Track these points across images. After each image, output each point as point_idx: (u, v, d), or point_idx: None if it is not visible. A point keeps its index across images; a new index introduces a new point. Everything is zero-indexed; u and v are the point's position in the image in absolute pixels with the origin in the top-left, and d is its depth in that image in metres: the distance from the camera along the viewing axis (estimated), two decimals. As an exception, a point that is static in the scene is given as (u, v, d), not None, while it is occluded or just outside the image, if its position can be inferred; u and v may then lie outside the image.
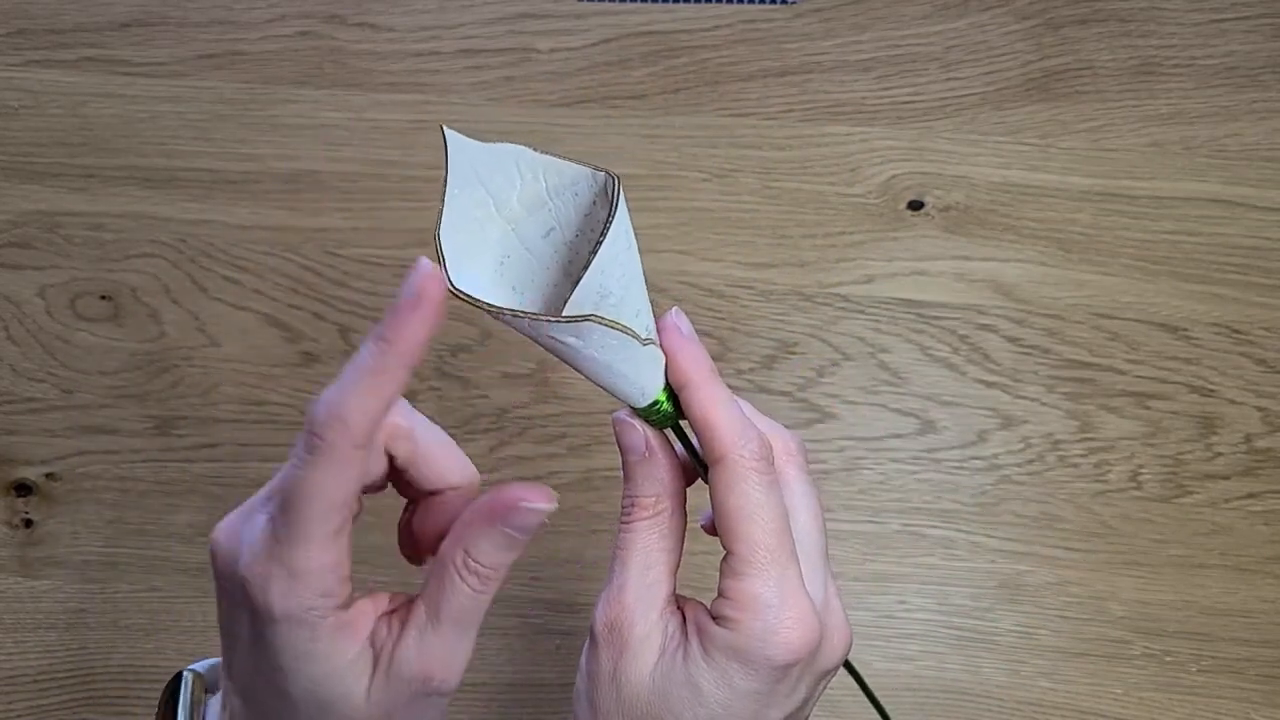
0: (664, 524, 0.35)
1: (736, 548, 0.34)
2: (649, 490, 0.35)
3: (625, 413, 0.35)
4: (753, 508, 0.34)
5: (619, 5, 0.72)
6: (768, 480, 0.34)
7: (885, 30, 0.71)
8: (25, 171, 0.70)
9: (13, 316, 0.68)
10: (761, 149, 0.69)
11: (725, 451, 0.34)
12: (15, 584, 0.64)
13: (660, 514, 0.35)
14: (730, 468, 0.34)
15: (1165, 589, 0.62)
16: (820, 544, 0.37)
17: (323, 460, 0.30)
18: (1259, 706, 0.60)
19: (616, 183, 0.31)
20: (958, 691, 0.61)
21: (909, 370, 0.66)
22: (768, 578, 0.33)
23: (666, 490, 0.35)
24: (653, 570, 0.35)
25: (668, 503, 0.35)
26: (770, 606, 0.33)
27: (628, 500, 0.36)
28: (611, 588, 0.35)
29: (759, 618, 0.33)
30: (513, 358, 0.66)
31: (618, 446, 0.36)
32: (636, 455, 0.35)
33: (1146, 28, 0.71)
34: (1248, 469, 0.64)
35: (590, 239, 0.32)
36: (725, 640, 0.33)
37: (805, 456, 0.38)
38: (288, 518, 0.30)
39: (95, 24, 0.72)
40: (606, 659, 0.35)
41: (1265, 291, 0.66)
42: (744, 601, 0.33)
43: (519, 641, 0.62)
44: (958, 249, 0.67)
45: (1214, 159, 0.68)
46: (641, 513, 0.35)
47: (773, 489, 0.34)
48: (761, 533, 0.34)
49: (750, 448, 0.34)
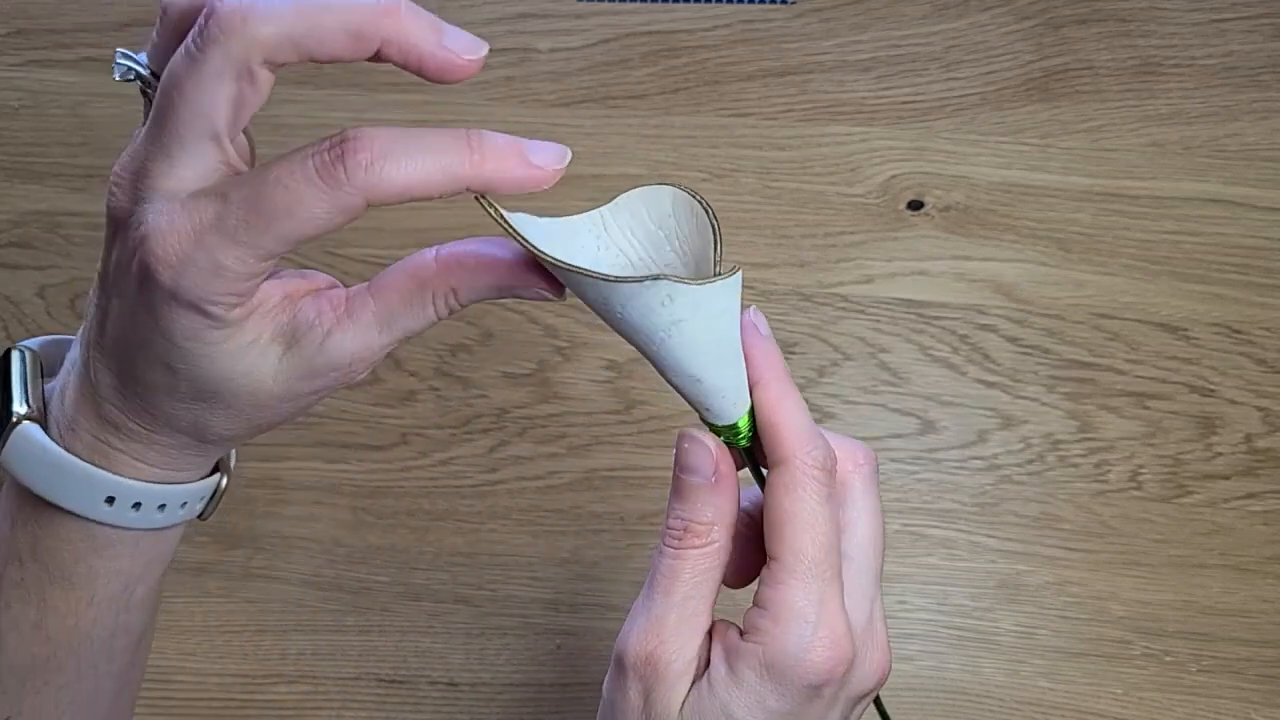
0: (715, 555, 0.33)
1: (781, 554, 0.32)
2: (705, 516, 0.33)
3: (693, 428, 0.34)
4: (806, 516, 0.32)
5: (619, 5, 0.72)
6: (826, 491, 0.33)
7: (885, 30, 0.71)
8: (25, 171, 0.70)
9: (13, 316, 0.68)
10: (761, 149, 0.69)
11: (789, 455, 0.32)
12: (15, 584, 0.64)
13: (714, 544, 0.33)
14: (790, 471, 0.32)
15: (1165, 589, 0.62)
16: (874, 563, 0.35)
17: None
18: (1259, 706, 0.60)
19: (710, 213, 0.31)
20: (958, 691, 0.61)
21: (909, 370, 0.66)
22: (809, 590, 0.32)
23: (723, 519, 0.33)
24: (695, 602, 0.33)
25: (722, 532, 0.33)
26: (806, 621, 0.32)
27: (678, 523, 0.33)
28: (650, 617, 0.33)
29: (792, 631, 0.32)
30: (513, 358, 0.66)
31: (676, 464, 0.34)
32: (702, 478, 0.33)
33: (1146, 28, 0.71)
34: (1248, 469, 0.64)
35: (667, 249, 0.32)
36: (756, 656, 0.32)
37: (875, 470, 0.36)
38: (253, 221, 0.28)
39: (95, 24, 0.72)
40: (635, 692, 0.33)
41: (1265, 291, 0.66)
42: (779, 611, 0.32)
43: (519, 641, 0.63)
44: (958, 249, 0.67)
45: (1214, 159, 0.68)
46: (695, 540, 0.33)
47: (829, 501, 0.33)
48: (810, 543, 0.32)
49: (815, 455, 0.33)
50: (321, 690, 0.62)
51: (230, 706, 0.62)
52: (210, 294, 0.29)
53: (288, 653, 0.63)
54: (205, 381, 0.32)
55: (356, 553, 0.64)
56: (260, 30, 0.27)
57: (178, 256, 0.29)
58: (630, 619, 0.34)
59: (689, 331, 0.30)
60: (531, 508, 0.64)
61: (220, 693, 0.62)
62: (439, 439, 0.65)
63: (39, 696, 0.38)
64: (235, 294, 0.30)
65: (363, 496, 0.65)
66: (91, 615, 0.37)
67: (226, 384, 0.32)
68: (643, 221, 0.32)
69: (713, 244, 0.31)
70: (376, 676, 0.62)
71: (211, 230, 0.28)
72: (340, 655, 0.63)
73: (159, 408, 0.33)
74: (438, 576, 0.64)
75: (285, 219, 0.28)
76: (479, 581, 0.64)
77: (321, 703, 0.62)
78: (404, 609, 0.63)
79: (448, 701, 0.62)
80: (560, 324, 0.66)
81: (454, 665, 0.62)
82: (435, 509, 0.64)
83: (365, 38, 0.27)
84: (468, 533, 0.64)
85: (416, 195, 0.28)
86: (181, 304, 0.30)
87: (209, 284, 0.29)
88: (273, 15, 0.27)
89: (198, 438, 0.35)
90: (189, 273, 0.29)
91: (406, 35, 0.27)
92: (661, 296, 0.29)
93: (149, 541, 0.38)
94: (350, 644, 0.63)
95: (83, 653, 0.38)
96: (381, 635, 0.63)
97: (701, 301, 0.30)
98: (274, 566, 0.64)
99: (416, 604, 0.63)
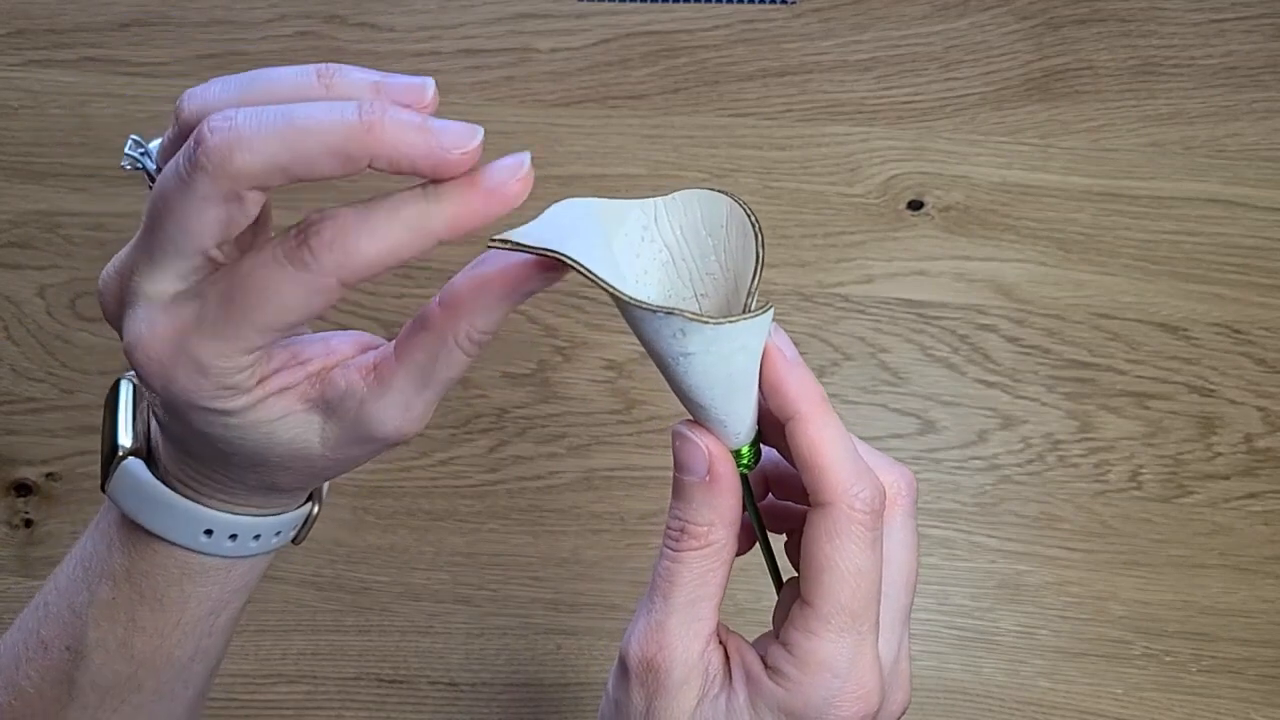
0: (716, 556, 0.32)
1: (817, 603, 0.30)
2: (703, 518, 0.32)
3: (686, 425, 0.32)
4: (848, 566, 0.30)
5: (619, 5, 0.72)
6: (872, 537, 0.30)
7: (885, 30, 0.71)
8: (25, 171, 0.70)
9: (13, 316, 0.68)
10: (761, 149, 0.69)
11: (834, 497, 0.30)
12: (15, 584, 0.64)
13: (712, 545, 0.32)
14: (835, 515, 0.30)
15: (1165, 589, 0.62)
16: (906, 600, 0.33)
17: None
18: (1259, 706, 0.60)
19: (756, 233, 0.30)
20: (958, 691, 0.61)
21: (909, 370, 0.66)
22: (842, 645, 0.30)
23: (723, 519, 0.32)
24: (698, 605, 0.32)
25: (722, 533, 0.32)
26: (837, 676, 0.30)
27: (676, 524, 0.32)
28: (650, 620, 0.32)
29: (821, 685, 0.30)
30: (513, 358, 0.66)
31: (674, 461, 0.32)
32: (696, 477, 0.32)
33: (1146, 28, 0.71)
34: (1248, 469, 0.64)
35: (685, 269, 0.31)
36: (777, 700, 0.31)
37: (914, 498, 0.33)
38: (230, 315, 0.28)
39: (95, 24, 0.72)
40: (639, 697, 0.32)
41: (1265, 291, 0.66)
42: (808, 662, 0.30)
43: (519, 641, 0.63)
44: (958, 249, 0.67)
45: (1214, 159, 0.68)
46: (692, 542, 0.32)
47: (875, 546, 0.31)
48: (850, 595, 0.30)
49: (864, 496, 0.30)
50: (321, 690, 0.62)
51: (231, 706, 0.62)
52: (199, 394, 0.30)
53: (288, 653, 0.63)
54: (253, 455, 0.32)
55: (356, 553, 0.64)
56: (247, 160, 0.26)
57: (160, 362, 0.29)
58: (633, 621, 0.33)
59: (699, 364, 0.29)
60: (531, 508, 0.64)
61: (221, 692, 0.62)
62: (439, 439, 0.65)
63: (116, 714, 0.38)
64: (227, 388, 0.30)
65: (363, 496, 0.65)
66: (176, 638, 0.38)
67: (274, 453, 0.32)
68: (695, 224, 0.31)
69: (753, 271, 0.29)
70: (376, 676, 0.62)
71: (192, 330, 0.29)
72: (340, 655, 0.63)
73: (224, 475, 0.34)
74: (438, 576, 0.64)
75: (260, 309, 0.28)
76: (479, 581, 0.64)
77: (322, 703, 0.62)
78: (404, 609, 0.63)
79: (448, 701, 0.62)
80: (560, 324, 0.67)
81: (454, 665, 0.62)
82: (435, 509, 0.64)
83: (352, 157, 0.27)
84: (468, 533, 0.64)
85: (389, 262, 0.28)
86: (179, 404, 0.30)
87: (196, 384, 0.29)
88: (258, 145, 0.26)
89: (271, 490, 0.36)
90: (176, 375, 0.29)
91: (395, 148, 0.27)
92: (675, 329, 0.28)
93: (241, 569, 0.39)
94: (350, 644, 0.63)
95: (163, 674, 0.38)
96: (381, 635, 0.63)
97: (717, 339, 0.28)
98: (274, 566, 0.63)
99: (416, 604, 0.63)
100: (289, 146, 0.26)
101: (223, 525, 0.36)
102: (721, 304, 0.31)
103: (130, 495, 0.36)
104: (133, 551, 0.37)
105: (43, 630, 0.38)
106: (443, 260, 0.66)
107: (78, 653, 0.37)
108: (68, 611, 0.38)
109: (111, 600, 0.37)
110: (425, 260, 0.66)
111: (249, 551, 0.37)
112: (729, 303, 0.30)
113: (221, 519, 0.36)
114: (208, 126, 0.27)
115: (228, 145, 0.26)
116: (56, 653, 0.38)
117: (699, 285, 0.31)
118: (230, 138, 0.26)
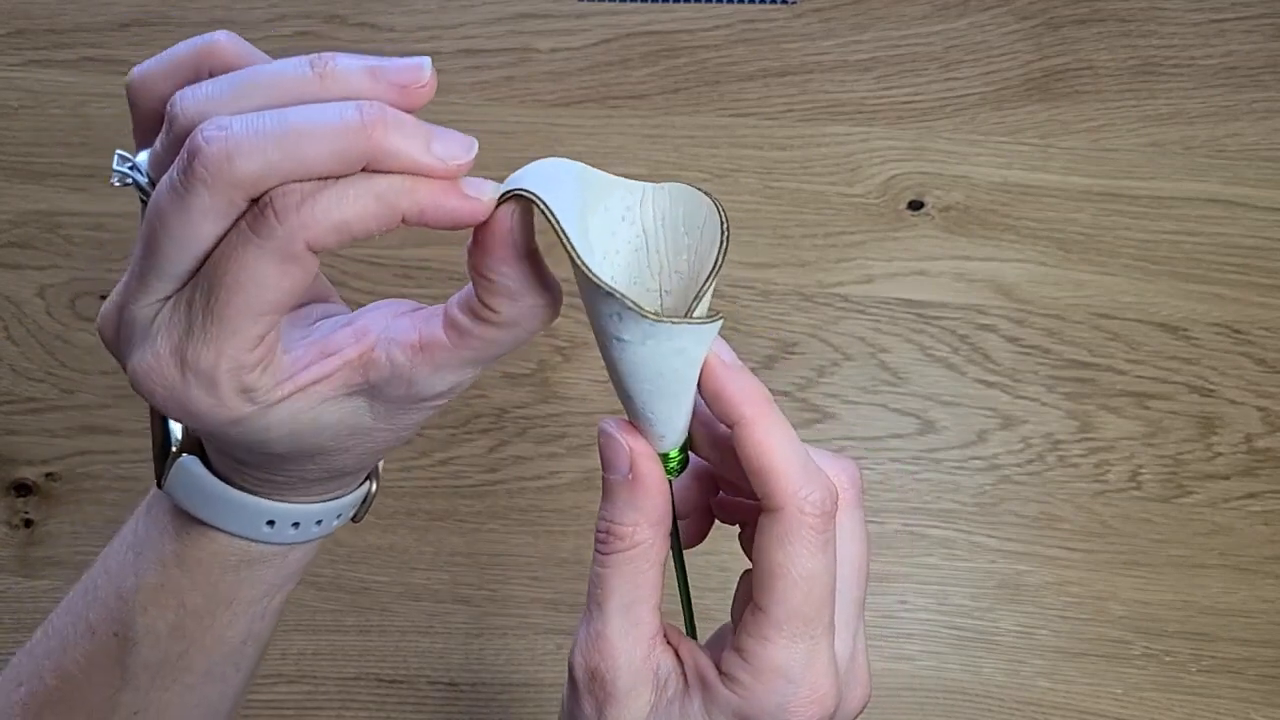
0: (644, 557, 0.31)
1: (770, 609, 0.30)
2: (628, 518, 0.31)
3: (613, 423, 0.31)
4: (800, 571, 0.29)
5: (619, 5, 0.72)
6: (824, 540, 0.30)
7: (885, 30, 0.71)
8: (25, 171, 0.70)
9: (13, 316, 0.68)
10: (761, 149, 0.69)
11: (784, 502, 0.29)
12: (15, 584, 0.64)
13: (639, 545, 0.31)
14: (785, 520, 0.29)
15: (1165, 589, 0.62)
16: (859, 594, 0.32)
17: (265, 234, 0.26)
18: (1259, 706, 0.60)
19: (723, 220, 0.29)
20: (958, 691, 0.61)
21: (909, 370, 0.66)
22: (795, 650, 0.30)
23: (648, 518, 0.31)
24: (634, 609, 0.31)
25: (648, 533, 0.31)
26: (791, 682, 0.29)
27: (602, 525, 0.31)
28: (589, 630, 0.31)
29: (775, 691, 0.29)
30: (513, 358, 0.66)
31: (600, 459, 0.32)
32: (619, 475, 0.31)
33: (1146, 28, 0.71)
34: (1248, 469, 0.64)
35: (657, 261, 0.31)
36: (732, 706, 0.30)
37: (860, 489, 0.33)
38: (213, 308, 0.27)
39: (95, 24, 0.72)
40: (590, 707, 0.31)
41: (1265, 291, 0.66)
42: (762, 669, 0.30)
43: (519, 641, 0.63)
44: (958, 249, 0.67)
45: (1214, 159, 0.68)
46: (617, 543, 0.31)
47: (827, 548, 0.30)
48: (802, 600, 0.29)
49: (814, 499, 0.29)
50: (321, 690, 0.62)
51: (230, 706, 0.62)
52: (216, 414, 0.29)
53: (288, 653, 0.63)
54: (303, 447, 0.31)
55: (356, 553, 0.64)
56: (245, 167, 0.26)
57: (168, 387, 0.28)
58: (576, 632, 0.32)
59: (631, 353, 0.29)
60: (531, 508, 0.64)
61: (220, 693, 0.62)
62: (439, 439, 0.65)
63: (167, 693, 0.38)
64: (244, 391, 0.29)
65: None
66: (227, 619, 0.38)
67: (323, 439, 0.31)
68: (676, 219, 0.31)
69: (706, 276, 0.29)
70: (376, 676, 0.62)
71: (186, 340, 0.28)
72: (340, 655, 0.63)
73: (280, 471, 0.34)
74: (438, 576, 0.64)
75: (238, 292, 0.27)
76: (479, 581, 0.64)
77: (322, 703, 0.62)
78: (404, 609, 0.63)
79: (448, 701, 0.62)
80: (560, 324, 0.66)
81: (454, 665, 0.62)
82: (435, 509, 0.64)
83: (352, 159, 0.26)
84: (468, 533, 0.64)
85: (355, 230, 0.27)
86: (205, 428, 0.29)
87: (209, 402, 0.28)
88: (256, 150, 0.26)
89: (334, 476, 0.35)
90: (189, 397, 0.28)
91: (393, 152, 0.27)
92: (614, 310, 0.28)
93: (298, 553, 0.38)
94: (350, 644, 0.63)
95: (215, 655, 0.38)
96: (381, 635, 0.63)
97: (654, 334, 0.28)
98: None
99: (416, 604, 0.63)
100: (287, 148, 0.26)
101: (285, 515, 0.36)
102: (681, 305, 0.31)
103: (189, 492, 0.35)
104: (187, 539, 0.36)
105: (90, 614, 0.38)
106: (443, 260, 0.66)
107: (127, 639, 0.37)
108: (115, 597, 0.37)
109: (161, 585, 0.37)
110: (425, 260, 0.66)
111: (311, 536, 0.37)
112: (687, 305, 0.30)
113: (283, 509, 0.35)
114: (202, 136, 0.26)
115: (225, 154, 0.26)
116: (104, 638, 0.37)
117: (666, 280, 0.31)
118: (228, 146, 0.26)
